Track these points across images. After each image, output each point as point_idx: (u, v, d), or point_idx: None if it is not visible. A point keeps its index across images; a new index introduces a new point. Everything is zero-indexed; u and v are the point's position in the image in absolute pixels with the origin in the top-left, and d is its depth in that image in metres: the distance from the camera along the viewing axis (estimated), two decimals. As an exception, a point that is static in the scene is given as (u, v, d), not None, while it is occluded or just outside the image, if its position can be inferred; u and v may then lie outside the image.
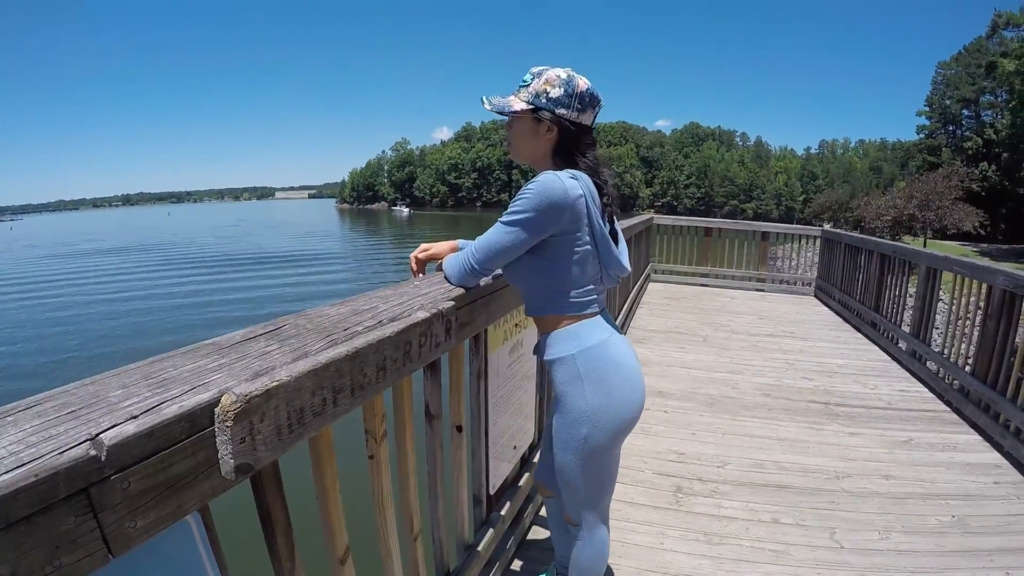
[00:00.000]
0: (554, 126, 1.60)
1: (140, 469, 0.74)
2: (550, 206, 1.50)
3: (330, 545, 1.31)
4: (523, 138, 1.67)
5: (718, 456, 3.51)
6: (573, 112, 1.59)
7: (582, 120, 1.62)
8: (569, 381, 1.65)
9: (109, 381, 0.87)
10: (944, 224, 26.22)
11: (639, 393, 1.67)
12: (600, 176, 1.64)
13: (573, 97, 1.58)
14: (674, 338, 6.21)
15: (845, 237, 8.07)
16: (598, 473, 1.73)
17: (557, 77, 1.59)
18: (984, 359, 4.05)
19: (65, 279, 25.46)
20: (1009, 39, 36.91)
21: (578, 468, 1.70)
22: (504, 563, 2.38)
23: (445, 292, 1.66)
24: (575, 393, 1.63)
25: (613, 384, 1.62)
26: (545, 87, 1.59)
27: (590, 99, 1.61)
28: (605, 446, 1.66)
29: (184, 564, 0.90)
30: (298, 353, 1.09)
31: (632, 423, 1.67)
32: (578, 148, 1.63)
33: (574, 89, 1.58)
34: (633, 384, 1.65)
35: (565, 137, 1.61)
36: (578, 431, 1.64)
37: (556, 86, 1.58)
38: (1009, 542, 2.70)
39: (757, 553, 2.60)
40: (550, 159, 1.65)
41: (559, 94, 1.58)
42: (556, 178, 1.51)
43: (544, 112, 1.59)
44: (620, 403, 1.62)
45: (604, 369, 1.62)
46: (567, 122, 1.60)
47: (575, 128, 1.61)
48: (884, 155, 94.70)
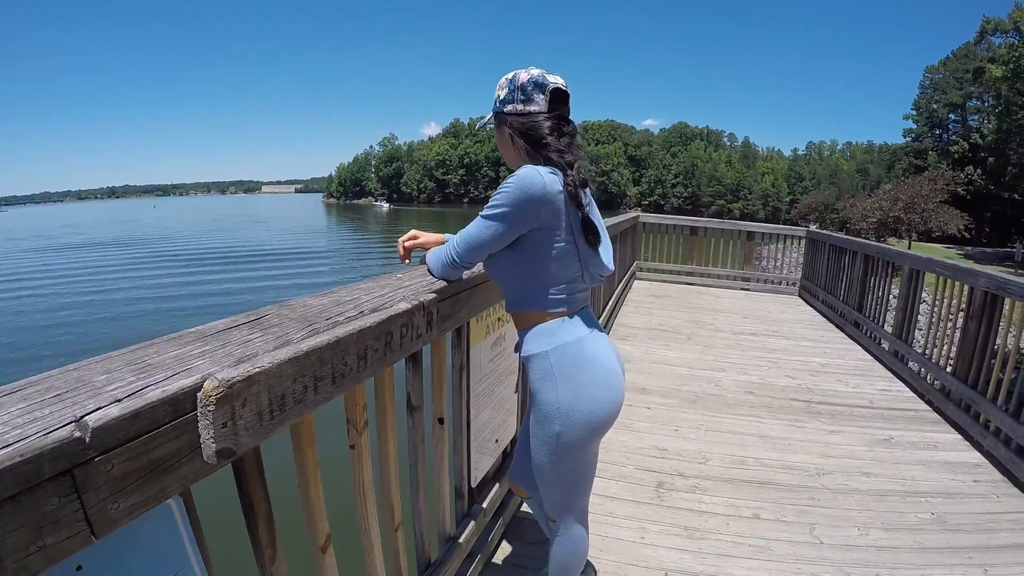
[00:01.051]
0: (507, 124, 1.64)
1: (123, 451, 0.75)
2: (528, 200, 1.49)
3: (311, 534, 1.32)
4: (502, 147, 1.72)
5: (700, 452, 3.52)
6: (518, 104, 1.62)
7: (529, 109, 1.61)
8: (542, 378, 1.64)
9: (94, 367, 0.89)
10: (929, 227, 26.46)
11: (615, 392, 1.65)
12: (571, 163, 1.60)
13: (515, 91, 1.62)
14: (658, 336, 6.23)
15: (830, 238, 8.13)
16: (573, 470, 1.72)
17: (505, 79, 1.65)
18: (965, 360, 4.09)
19: (42, 274, 24.99)
20: (997, 45, 37.20)
21: (552, 465, 1.70)
22: (486, 556, 2.37)
23: (427, 284, 1.68)
24: (547, 390, 1.63)
25: (585, 382, 1.60)
26: (498, 93, 1.66)
27: (533, 86, 1.61)
28: (578, 443, 1.65)
29: (166, 547, 0.91)
30: (280, 341, 1.10)
31: (606, 422, 1.65)
32: (537, 139, 1.61)
33: (516, 83, 1.62)
34: (608, 383, 1.63)
35: (522, 131, 1.62)
36: (551, 428, 1.63)
37: (503, 88, 1.64)
38: (988, 540, 2.72)
39: (738, 548, 2.60)
40: (527, 158, 1.64)
41: (504, 93, 1.63)
42: (535, 172, 1.51)
43: (501, 114, 1.65)
44: (592, 401, 1.60)
45: (577, 366, 1.61)
46: (514, 115, 1.62)
47: (523, 119, 1.62)
48: (871, 157, 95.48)
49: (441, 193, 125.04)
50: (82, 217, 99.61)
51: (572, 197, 1.57)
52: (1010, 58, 31.11)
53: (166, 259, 29.30)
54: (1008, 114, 32.61)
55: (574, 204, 1.59)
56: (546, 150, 1.59)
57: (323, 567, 1.36)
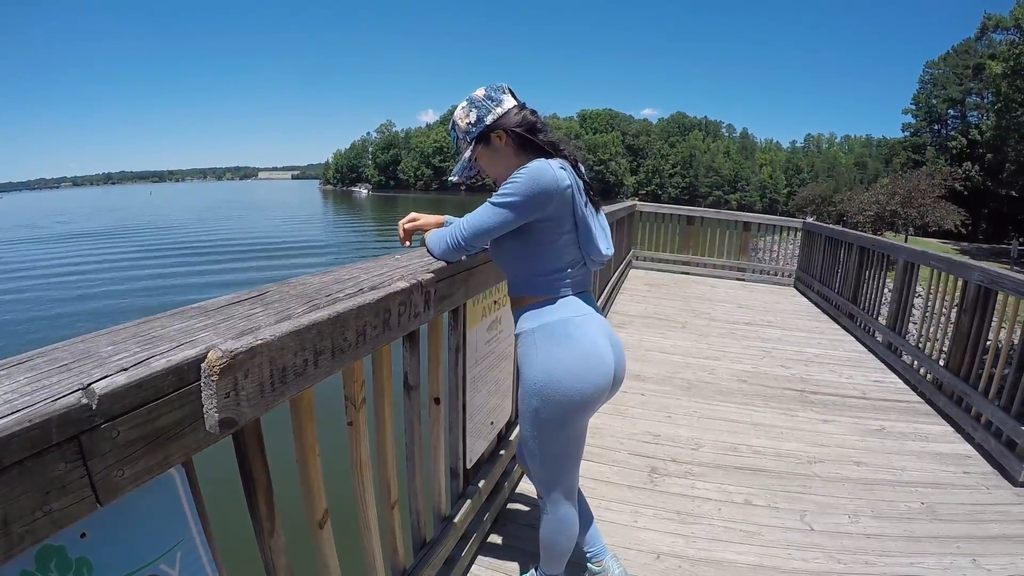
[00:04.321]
0: (501, 133, 1.67)
1: (129, 419, 0.77)
2: (539, 192, 1.54)
3: (309, 509, 1.34)
4: (493, 164, 1.73)
5: (693, 439, 3.54)
6: (493, 113, 1.66)
7: (506, 108, 1.67)
8: (524, 354, 1.70)
9: (99, 339, 0.90)
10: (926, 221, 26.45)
11: (598, 374, 1.65)
12: (563, 151, 1.69)
13: (483, 102, 1.67)
14: (653, 323, 6.25)
15: (825, 229, 8.14)
16: (555, 449, 1.75)
17: (462, 108, 1.70)
18: (958, 353, 4.11)
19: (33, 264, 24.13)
20: (998, 42, 37.13)
21: (535, 440, 1.74)
22: (480, 536, 2.39)
23: (425, 265, 1.71)
24: (527, 366, 1.69)
25: (564, 360, 1.63)
26: (464, 121, 1.69)
27: (493, 91, 1.69)
28: (557, 421, 1.67)
29: (168, 517, 0.93)
30: (282, 316, 1.12)
31: (587, 402, 1.66)
32: (527, 133, 1.67)
33: (476, 100, 1.68)
34: (590, 364, 1.64)
35: (512, 133, 1.67)
36: (530, 403, 1.68)
37: (468, 112, 1.69)
38: (976, 530, 2.75)
39: (729, 533, 2.63)
40: (522, 157, 1.68)
41: (476, 113, 1.67)
42: (547, 166, 1.57)
43: (484, 134, 1.67)
44: (571, 380, 1.62)
45: (559, 344, 1.64)
46: (498, 120, 1.66)
47: (508, 115, 1.67)
48: (869, 151, 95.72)
49: (439, 180, 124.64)
50: (77, 204, 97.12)
51: (586, 192, 1.67)
52: (1010, 55, 31.02)
53: (162, 249, 28.65)
54: (1007, 111, 32.53)
55: (587, 197, 1.68)
56: (543, 134, 1.68)
57: (320, 542, 1.37)
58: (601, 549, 2.06)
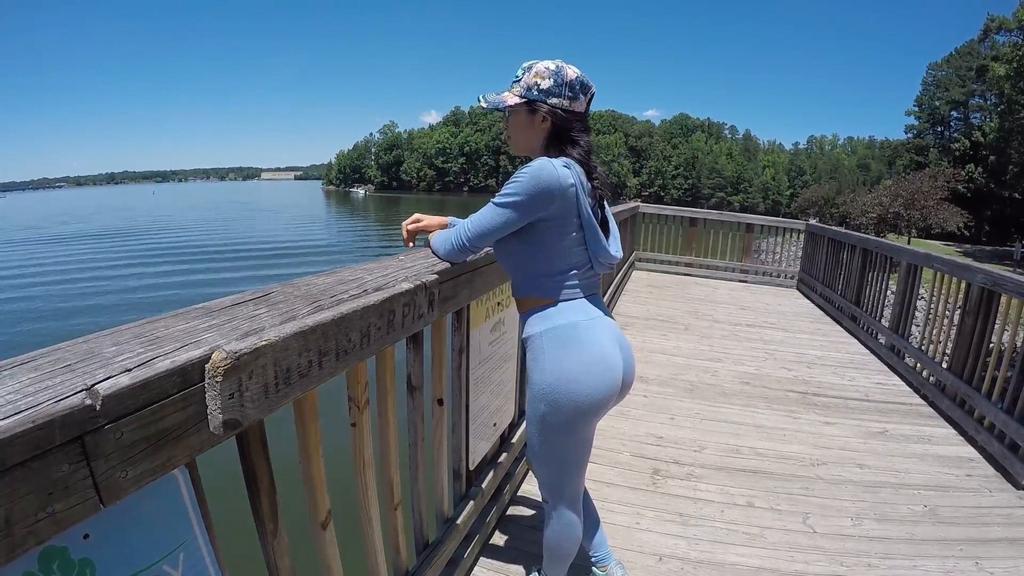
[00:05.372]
0: (548, 116, 1.64)
1: (133, 420, 0.77)
2: (542, 191, 1.54)
3: (312, 510, 1.34)
4: (520, 131, 1.71)
5: (696, 440, 3.54)
6: (564, 100, 1.63)
7: (574, 107, 1.65)
8: (533, 359, 1.69)
9: (103, 339, 0.90)
10: (929, 223, 26.49)
11: (606, 378, 1.64)
12: (591, 163, 1.68)
13: (563, 86, 1.62)
14: (656, 325, 6.25)
15: (828, 231, 8.12)
16: (561, 454, 1.74)
17: (546, 69, 1.63)
18: (961, 355, 4.10)
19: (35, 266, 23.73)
20: (1001, 44, 37.01)
21: (541, 445, 1.73)
22: (483, 537, 2.39)
23: (429, 266, 1.71)
24: (535, 370, 1.67)
25: (572, 365, 1.61)
26: (536, 79, 1.63)
27: (580, 86, 1.65)
28: (564, 426, 1.66)
29: (171, 518, 0.92)
30: (286, 316, 1.12)
31: (595, 407, 1.65)
32: (570, 136, 1.66)
33: (563, 78, 1.62)
34: (598, 368, 1.63)
35: (558, 126, 1.65)
36: (538, 408, 1.67)
37: (546, 77, 1.62)
38: (979, 533, 2.74)
39: (731, 535, 2.62)
40: (545, 149, 1.68)
41: (549, 84, 1.62)
42: (550, 164, 1.56)
43: (538, 103, 1.63)
44: (578, 384, 1.61)
45: (567, 349, 1.63)
46: (560, 111, 1.63)
47: (567, 116, 1.65)
48: (872, 153, 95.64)
49: (441, 181, 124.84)
50: (78, 205, 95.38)
51: (597, 199, 1.67)
52: (1014, 57, 30.99)
53: (166, 251, 28.27)
54: (1010, 113, 32.53)
55: (596, 203, 1.67)
56: (574, 148, 1.66)
57: (323, 543, 1.37)
58: (607, 554, 2.05)
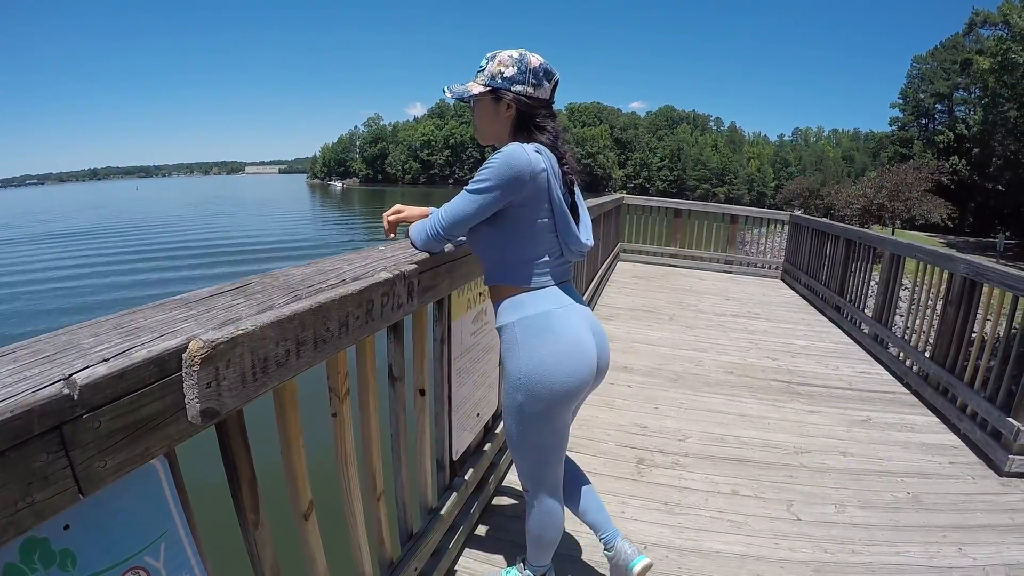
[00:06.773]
0: (512, 104, 1.65)
1: (111, 409, 0.77)
2: (513, 177, 1.54)
3: (294, 500, 1.34)
4: (486, 120, 1.72)
5: (680, 430, 3.56)
6: (528, 87, 1.65)
7: (539, 94, 1.67)
8: (507, 348, 1.70)
9: (81, 331, 0.91)
10: (912, 215, 26.63)
11: (582, 366, 1.65)
12: (559, 148, 1.69)
13: (527, 73, 1.64)
14: (641, 316, 6.27)
15: (812, 222, 8.18)
16: (540, 442, 1.75)
17: (510, 57, 1.65)
18: (944, 344, 4.14)
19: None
20: (986, 37, 37.27)
21: (519, 434, 1.74)
22: (468, 528, 2.39)
23: (408, 256, 1.70)
24: (510, 359, 1.68)
25: (547, 353, 1.62)
26: (499, 68, 1.65)
27: (544, 73, 1.67)
28: (541, 415, 1.67)
29: (151, 508, 0.92)
30: (263, 306, 1.13)
31: (572, 394, 1.66)
32: (536, 122, 1.67)
33: (527, 66, 1.64)
34: (573, 356, 1.64)
35: (523, 113, 1.66)
36: (515, 398, 1.68)
37: (509, 66, 1.64)
38: (962, 519, 2.78)
39: (716, 523, 2.65)
40: (512, 137, 1.68)
41: (513, 72, 1.64)
42: (521, 149, 1.56)
43: (502, 91, 1.64)
44: (553, 372, 1.62)
45: (540, 338, 1.64)
46: (524, 98, 1.64)
47: (532, 102, 1.66)
48: (856, 145, 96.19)
49: (426, 174, 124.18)
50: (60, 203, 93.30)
51: (567, 184, 1.68)
52: (998, 51, 31.13)
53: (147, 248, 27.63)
54: (994, 106, 32.75)
55: (566, 189, 1.68)
56: (541, 133, 1.67)
57: (306, 534, 1.37)
58: (613, 533, 2.04)
